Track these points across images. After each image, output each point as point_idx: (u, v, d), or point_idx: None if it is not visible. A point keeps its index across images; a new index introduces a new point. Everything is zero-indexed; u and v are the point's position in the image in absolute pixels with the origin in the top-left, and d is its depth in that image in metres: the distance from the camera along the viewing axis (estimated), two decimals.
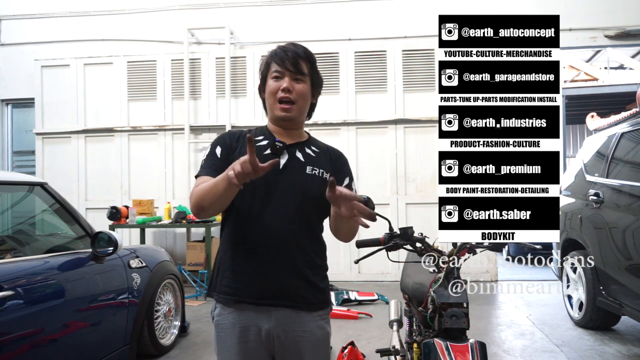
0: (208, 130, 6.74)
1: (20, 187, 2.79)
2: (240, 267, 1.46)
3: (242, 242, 1.47)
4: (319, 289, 1.52)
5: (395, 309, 2.72)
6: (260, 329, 1.46)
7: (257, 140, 1.54)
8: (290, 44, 1.56)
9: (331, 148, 1.65)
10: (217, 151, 1.52)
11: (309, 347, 1.48)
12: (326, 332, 1.54)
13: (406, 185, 6.40)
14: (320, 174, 1.51)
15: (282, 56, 1.51)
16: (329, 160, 1.58)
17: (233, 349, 1.46)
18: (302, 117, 1.60)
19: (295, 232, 1.46)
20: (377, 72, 6.49)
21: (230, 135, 1.57)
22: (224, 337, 1.48)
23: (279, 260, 1.45)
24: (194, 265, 5.79)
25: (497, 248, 1.86)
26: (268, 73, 1.55)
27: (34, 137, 7.02)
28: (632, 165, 3.67)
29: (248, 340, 1.46)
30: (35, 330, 2.25)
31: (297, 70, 1.52)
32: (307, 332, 1.48)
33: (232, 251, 1.49)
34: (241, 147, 1.52)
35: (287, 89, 1.50)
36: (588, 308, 3.99)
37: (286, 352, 1.48)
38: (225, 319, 1.48)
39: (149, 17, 6.93)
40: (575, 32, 6.29)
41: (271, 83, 1.53)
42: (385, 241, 1.87)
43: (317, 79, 1.61)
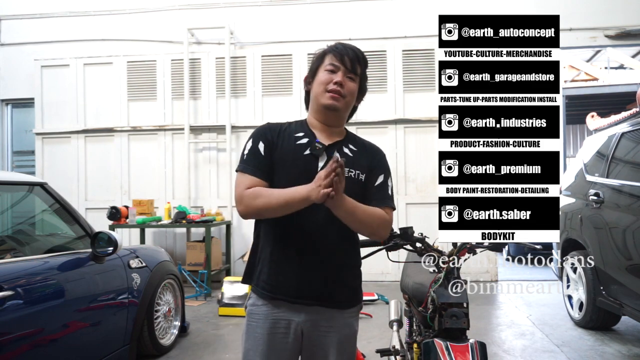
0: (208, 130, 6.74)
1: (20, 187, 2.79)
2: (277, 266, 1.49)
3: (280, 242, 1.49)
4: (350, 288, 1.55)
5: (395, 309, 2.72)
6: (290, 323, 1.49)
7: (297, 137, 1.54)
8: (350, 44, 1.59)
9: (369, 144, 1.67)
10: (260, 147, 1.51)
11: (335, 342, 1.51)
12: (354, 330, 1.57)
13: (406, 185, 6.40)
14: (356, 175, 1.53)
15: (342, 51, 1.54)
16: (367, 159, 1.59)
17: (262, 339, 1.49)
18: (346, 114, 1.62)
19: (331, 235, 1.49)
20: (377, 72, 6.48)
21: (270, 130, 1.55)
22: (255, 326, 1.51)
23: (316, 263, 1.47)
24: (194, 265, 5.79)
25: (497, 248, 1.86)
26: (321, 65, 1.55)
27: (33, 137, 7.02)
28: (632, 165, 3.67)
29: (277, 332, 1.49)
30: (35, 330, 2.24)
31: (353, 68, 1.53)
32: (333, 328, 1.51)
33: (270, 248, 1.51)
34: (283, 143, 1.52)
35: (341, 83, 1.51)
36: (588, 308, 3.98)
37: (313, 347, 1.51)
38: (259, 310, 1.51)
39: (149, 17, 6.93)
40: (575, 32, 6.28)
41: (323, 74, 1.53)
42: (385, 241, 1.87)
43: (365, 84, 1.62)
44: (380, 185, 1.56)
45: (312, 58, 1.61)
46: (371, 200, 1.52)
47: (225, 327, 4.29)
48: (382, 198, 1.54)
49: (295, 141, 1.53)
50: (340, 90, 1.51)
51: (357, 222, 1.44)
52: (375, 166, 1.58)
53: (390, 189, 1.58)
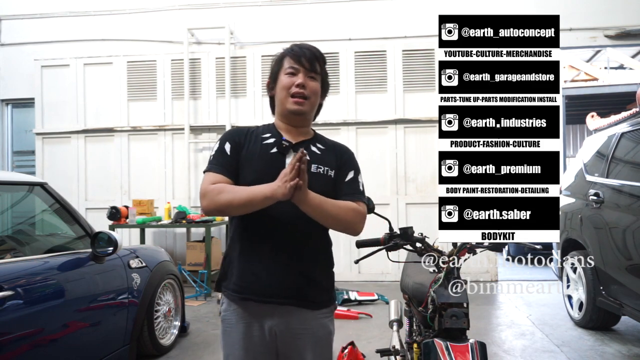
0: (208, 130, 6.74)
1: (20, 187, 2.79)
2: (246, 265, 1.49)
3: (248, 241, 1.50)
4: (323, 288, 1.54)
5: (395, 309, 2.72)
6: (263, 326, 1.48)
7: (264, 138, 1.55)
8: (304, 44, 1.58)
9: (337, 144, 1.67)
10: (226, 148, 1.53)
11: (311, 344, 1.50)
12: (328, 331, 1.56)
13: (406, 185, 6.40)
14: (325, 171, 1.53)
15: (299, 53, 1.53)
16: (334, 157, 1.59)
17: (237, 344, 1.49)
18: (312, 115, 1.61)
19: (300, 231, 1.48)
20: (377, 72, 6.49)
21: (238, 132, 1.58)
22: (229, 331, 1.52)
23: (285, 259, 1.47)
24: (194, 265, 5.79)
25: (497, 248, 1.86)
26: (281, 69, 1.56)
27: (34, 137, 7.02)
28: (632, 165, 3.67)
29: (252, 335, 1.49)
30: (35, 330, 2.24)
31: (312, 68, 1.54)
32: (308, 330, 1.50)
33: (238, 249, 1.52)
34: (249, 144, 1.54)
35: (302, 84, 1.51)
36: (588, 308, 3.98)
37: (288, 349, 1.50)
38: (231, 315, 1.51)
39: (149, 17, 6.93)
40: (575, 32, 6.28)
41: (285, 78, 1.53)
42: (385, 241, 1.87)
43: (327, 80, 1.62)
44: (351, 180, 1.56)
45: (272, 63, 1.61)
46: (342, 195, 1.52)
47: None
48: (354, 192, 1.54)
49: (262, 141, 1.55)
50: (304, 92, 1.52)
51: (327, 217, 1.44)
52: (344, 163, 1.59)
53: (361, 185, 1.58)
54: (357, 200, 1.53)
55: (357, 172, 1.60)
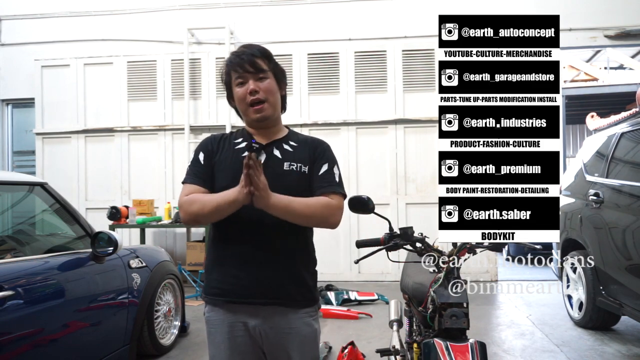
0: (208, 130, 6.74)
1: (20, 187, 2.79)
2: (226, 268, 1.51)
3: (227, 243, 1.51)
4: (306, 286, 1.54)
5: (395, 309, 2.73)
6: (247, 325, 1.50)
7: (236, 143, 1.58)
8: (242, 47, 1.58)
9: (311, 138, 1.66)
10: (200, 157, 1.57)
11: (296, 343, 1.51)
12: (313, 329, 1.56)
13: (406, 185, 6.40)
14: (298, 168, 1.54)
15: (238, 62, 1.53)
16: (308, 152, 1.58)
17: (223, 344, 1.51)
18: (277, 113, 1.61)
19: (278, 230, 1.48)
20: (377, 72, 6.49)
21: (212, 140, 1.61)
22: (214, 332, 1.53)
23: (264, 259, 1.48)
24: (194, 265, 5.79)
25: (497, 248, 1.86)
26: (231, 82, 1.57)
27: (34, 137, 7.02)
28: (632, 165, 3.67)
29: (237, 335, 1.50)
30: (35, 330, 2.25)
31: (257, 69, 1.53)
32: (293, 329, 1.51)
33: (218, 252, 1.54)
34: (222, 150, 1.57)
35: (254, 90, 1.52)
36: (588, 308, 3.99)
37: (274, 349, 1.51)
38: (215, 316, 1.53)
39: (149, 17, 6.93)
40: (575, 32, 6.28)
41: (238, 90, 1.54)
42: (385, 241, 1.87)
43: (279, 71, 1.61)
44: (325, 173, 1.55)
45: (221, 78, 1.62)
46: (317, 189, 1.52)
47: None
48: (328, 185, 1.53)
49: (234, 146, 1.57)
50: (259, 97, 1.52)
51: (297, 217, 1.44)
52: (318, 156, 1.58)
53: (337, 177, 1.57)
54: (332, 192, 1.52)
55: (332, 164, 1.58)
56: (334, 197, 1.52)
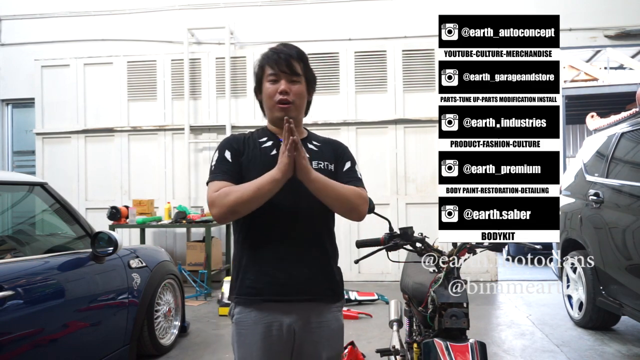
0: (208, 130, 6.75)
1: (20, 187, 2.79)
2: (261, 268, 1.49)
3: (261, 242, 1.50)
4: (335, 282, 1.58)
5: (395, 309, 2.73)
6: (282, 325, 1.49)
7: (262, 142, 1.58)
8: (282, 46, 1.58)
9: (331, 139, 1.70)
10: (227, 155, 1.54)
11: (325, 337, 1.53)
12: (341, 324, 1.60)
13: (406, 185, 6.40)
14: (325, 166, 1.56)
15: (276, 59, 1.53)
16: (331, 151, 1.62)
17: (255, 345, 1.48)
18: (301, 116, 1.63)
19: (310, 227, 1.51)
20: (377, 72, 6.49)
21: (235, 140, 1.60)
22: (245, 334, 1.50)
23: (299, 256, 1.49)
24: (194, 265, 5.79)
25: (497, 248, 1.86)
26: (263, 76, 1.57)
27: (34, 137, 7.02)
28: (632, 165, 3.67)
29: (271, 335, 1.48)
30: (35, 330, 2.25)
31: (292, 71, 1.54)
32: (323, 323, 1.53)
33: (251, 252, 1.51)
34: (248, 149, 1.56)
35: (285, 91, 1.53)
36: (588, 308, 3.98)
37: (304, 343, 1.51)
38: (247, 317, 1.50)
39: (149, 17, 6.93)
40: (575, 32, 6.28)
41: (268, 86, 1.55)
42: (385, 241, 1.87)
43: (311, 77, 1.62)
44: (349, 169, 1.60)
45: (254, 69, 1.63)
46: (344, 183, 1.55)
47: (225, 327, 4.29)
48: (354, 180, 1.57)
49: (261, 145, 1.57)
50: (287, 99, 1.53)
51: (334, 195, 1.46)
52: (340, 156, 1.63)
53: (359, 174, 1.62)
54: (358, 186, 1.56)
55: (353, 163, 1.63)
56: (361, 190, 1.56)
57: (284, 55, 1.54)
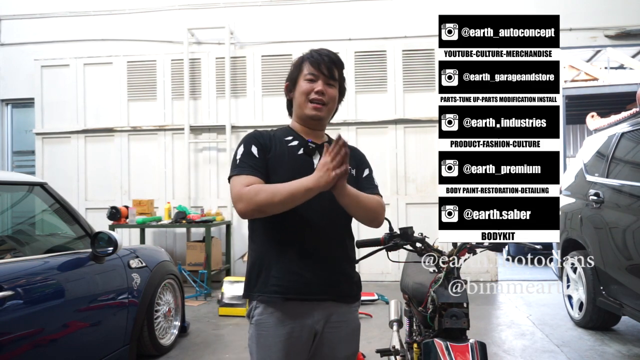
0: (208, 130, 6.74)
1: (20, 187, 2.79)
2: (287, 266, 1.49)
3: (285, 241, 1.50)
4: (355, 282, 1.61)
5: (395, 309, 2.72)
6: (304, 326, 1.49)
7: (288, 141, 1.58)
8: (323, 49, 1.61)
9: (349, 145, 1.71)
10: (253, 150, 1.53)
11: (344, 336, 1.55)
12: (359, 324, 1.63)
13: (406, 185, 6.40)
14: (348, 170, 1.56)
15: (318, 59, 1.56)
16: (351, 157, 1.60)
17: (275, 347, 1.47)
18: (328, 119, 1.65)
19: (333, 228, 1.54)
20: (377, 72, 6.49)
21: (261, 136, 1.58)
22: (266, 335, 1.48)
23: (322, 256, 1.50)
24: (194, 265, 5.79)
25: (497, 248, 1.86)
26: (300, 74, 1.58)
27: (34, 137, 7.02)
28: (632, 165, 3.67)
29: (293, 337, 1.48)
30: (35, 330, 2.25)
31: (331, 75, 1.57)
32: (343, 323, 1.55)
33: (276, 251, 1.50)
34: (275, 146, 1.56)
35: (322, 91, 1.55)
36: (588, 308, 3.98)
37: (324, 342, 1.53)
38: (269, 318, 1.49)
39: (149, 17, 6.93)
40: (575, 32, 6.28)
41: (304, 84, 1.56)
42: (385, 241, 1.86)
43: (343, 87, 1.66)
44: (368, 176, 1.66)
45: (291, 66, 1.64)
46: (364, 190, 1.58)
47: (225, 327, 4.29)
48: (373, 187, 1.64)
49: (287, 143, 1.57)
50: (323, 99, 1.55)
51: (362, 207, 1.49)
52: (360, 162, 1.68)
53: (376, 181, 1.68)
54: (377, 193, 1.62)
55: (371, 170, 1.69)
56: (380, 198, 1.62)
57: (327, 57, 1.56)
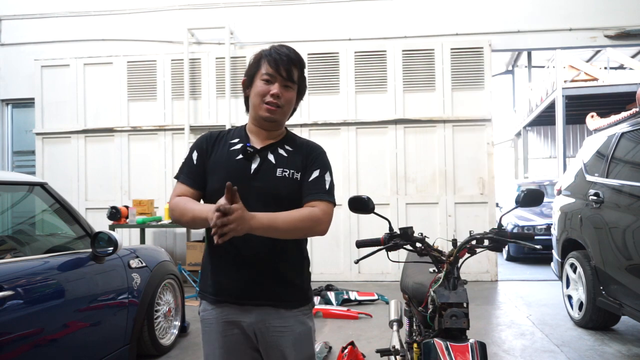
0: (208, 130, 6.71)
1: (20, 187, 2.78)
2: (219, 269, 1.53)
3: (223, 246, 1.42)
4: (298, 288, 1.56)
5: (395, 309, 2.72)
6: (242, 324, 1.51)
7: (232, 144, 1.57)
8: (283, 47, 1.55)
9: (307, 143, 1.63)
10: (193, 156, 1.57)
11: (291, 342, 1.51)
12: (308, 327, 1.56)
13: (406, 185, 6.40)
14: (290, 174, 1.52)
15: (277, 59, 1.50)
16: (302, 157, 1.57)
17: (217, 343, 1.53)
18: (284, 120, 1.61)
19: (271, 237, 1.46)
20: (377, 72, 6.49)
21: (207, 139, 1.60)
22: (209, 331, 1.56)
23: (256, 262, 1.49)
24: (194, 265, 5.79)
25: (497, 248, 1.86)
26: (257, 72, 1.53)
27: (34, 137, 7.02)
28: (632, 165, 3.66)
29: (231, 334, 1.52)
30: (35, 330, 2.24)
31: (289, 77, 1.52)
32: (287, 328, 1.52)
33: (212, 254, 1.55)
34: (217, 150, 1.56)
35: (277, 95, 1.50)
36: (588, 308, 3.98)
37: (268, 348, 1.52)
38: (209, 314, 1.56)
39: (149, 17, 6.93)
40: (575, 32, 6.28)
41: (260, 85, 1.52)
42: (385, 241, 1.86)
43: (304, 86, 1.61)
44: (315, 179, 1.53)
45: (250, 61, 1.59)
46: (305, 195, 1.50)
47: None
48: (316, 192, 1.50)
49: (229, 147, 1.56)
50: (277, 102, 1.51)
51: (283, 233, 1.41)
52: (311, 162, 1.56)
53: (327, 183, 1.54)
54: (319, 199, 1.49)
55: (324, 170, 1.55)
56: (320, 205, 1.48)
57: (285, 58, 1.51)
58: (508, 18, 5.96)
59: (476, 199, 6.29)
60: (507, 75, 17.71)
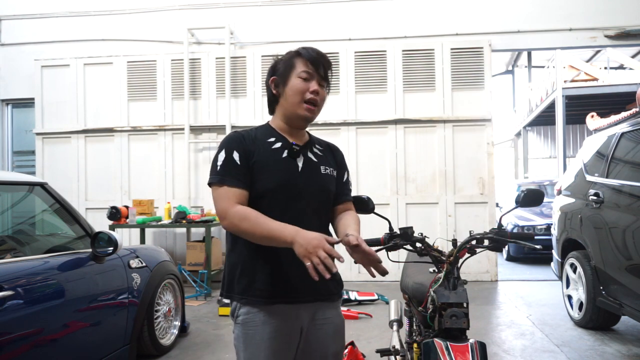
0: (208, 130, 6.75)
1: (20, 187, 2.78)
2: (275, 272, 1.48)
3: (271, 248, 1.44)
4: (337, 280, 1.63)
5: (395, 309, 2.72)
6: (291, 325, 1.50)
7: (270, 143, 1.54)
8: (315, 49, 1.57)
9: (329, 143, 1.75)
10: (235, 157, 1.48)
11: (331, 333, 1.57)
12: (342, 319, 1.65)
13: (406, 185, 6.40)
14: (331, 172, 1.62)
15: (317, 59, 1.53)
16: (332, 157, 1.68)
17: (263, 344, 1.46)
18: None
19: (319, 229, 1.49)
20: (377, 72, 6.49)
21: (244, 139, 1.53)
22: (252, 334, 1.47)
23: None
24: (194, 265, 5.79)
25: (497, 248, 1.85)
26: (292, 71, 1.52)
27: (34, 137, 7.03)
28: (632, 165, 3.66)
29: (279, 335, 1.47)
30: (35, 330, 2.24)
31: (325, 77, 1.56)
32: (328, 320, 1.57)
33: (261, 254, 1.47)
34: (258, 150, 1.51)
35: (317, 91, 1.52)
36: (588, 308, 3.98)
37: (310, 340, 1.54)
38: (255, 317, 1.48)
39: (149, 17, 6.94)
40: (575, 32, 6.28)
41: (298, 82, 1.50)
42: (385, 241, 1.86)
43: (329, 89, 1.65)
44: (347, 181, 1.71)
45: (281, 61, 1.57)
46: (342, 195, 1.66)
47: (225, 327, 4.29)
48: (349, 192, 1.71)
49: (270, 146, 1.53)
50: (317, 100, 1.52)
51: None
52: (340, 163, 1.70)
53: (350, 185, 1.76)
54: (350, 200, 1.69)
55: (348, 172, 1.73)
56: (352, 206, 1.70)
57: (324, 59, 1.54)
58: (508, 18, 5.98)
59: (476, 199, 6.29)
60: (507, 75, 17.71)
